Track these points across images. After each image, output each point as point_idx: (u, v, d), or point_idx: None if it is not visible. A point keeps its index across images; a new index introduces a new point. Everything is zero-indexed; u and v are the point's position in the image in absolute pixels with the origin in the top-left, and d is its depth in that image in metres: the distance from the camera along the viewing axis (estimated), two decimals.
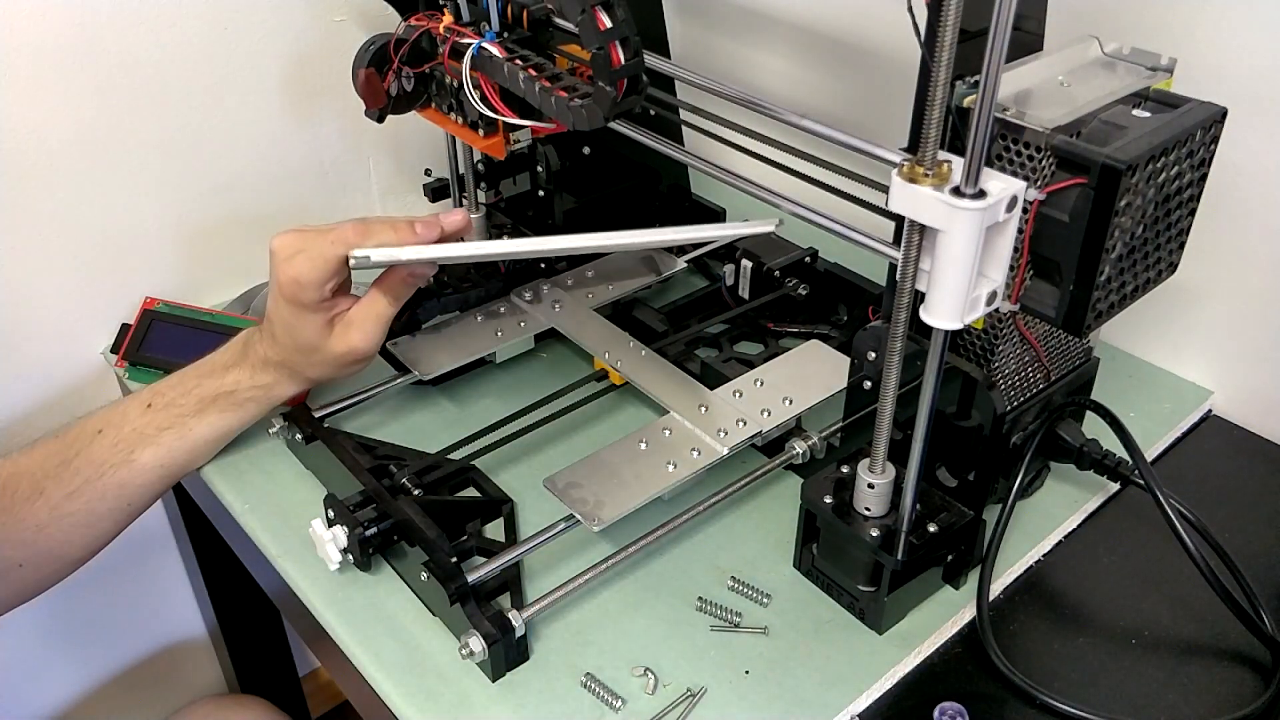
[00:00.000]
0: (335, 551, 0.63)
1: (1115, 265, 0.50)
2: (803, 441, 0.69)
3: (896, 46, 0.89)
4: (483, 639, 0.56)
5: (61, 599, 0.71)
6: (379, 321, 0.66)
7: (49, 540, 0.67)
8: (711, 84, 0.59)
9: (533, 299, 0.83)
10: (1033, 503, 0.69)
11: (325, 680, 1.34)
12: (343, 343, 0.66)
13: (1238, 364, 0.78)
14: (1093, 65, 0.55)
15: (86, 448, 0.67)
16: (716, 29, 1.07)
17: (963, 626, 0.62)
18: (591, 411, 0.77)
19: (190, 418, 0.69)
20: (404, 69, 0.71)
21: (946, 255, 0.46)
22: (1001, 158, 0.50)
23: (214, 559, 1.04)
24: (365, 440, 0.73)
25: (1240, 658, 0.60)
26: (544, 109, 0.61)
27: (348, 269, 0.64)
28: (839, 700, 0.57)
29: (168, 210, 0.90)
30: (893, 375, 0.53)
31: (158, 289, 0.90)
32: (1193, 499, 0.60)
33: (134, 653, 1.12)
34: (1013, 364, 0.62)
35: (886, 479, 0.58)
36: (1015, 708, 0.57)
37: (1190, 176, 0.52)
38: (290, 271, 0.63)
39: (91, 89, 0.82)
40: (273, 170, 0.95)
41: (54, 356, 0.89)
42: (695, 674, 0.59)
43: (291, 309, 0.65)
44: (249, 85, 0.90)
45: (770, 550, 0.67)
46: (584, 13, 0.54)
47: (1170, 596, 0.64)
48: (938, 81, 0.44)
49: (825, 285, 0.84)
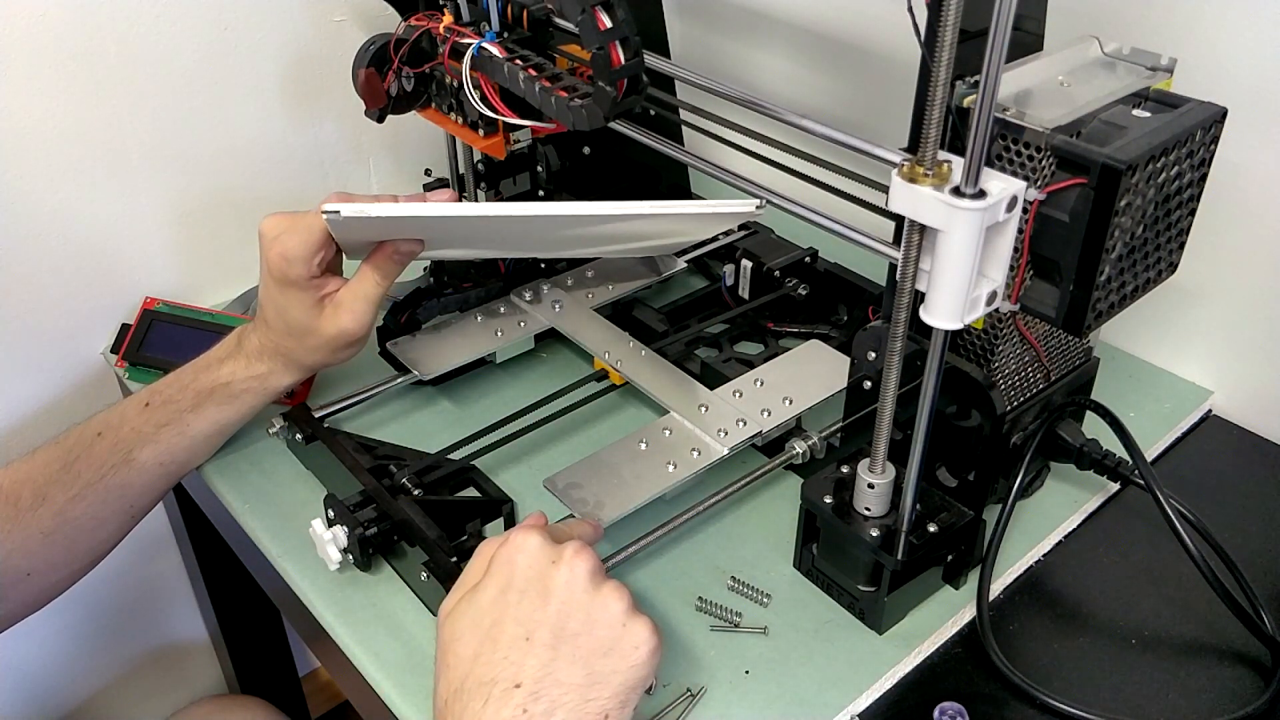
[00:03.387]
0: (335, 551, 0.63)
1: (1115, 265, 0.50)
2: (803, 441, 0.69)
3: (896, 46, 0.88)
4: None
5: (62, 600, 0.71)
6: (368, 301, 0.66)
7: (55, 547, 0.67)
8: (711, 84, 0.59)
9: (533, 299, 0.83)
10: (1033, 503, 0.69)
11: (325, 680, 1.34)
12: (332, 324, 0.66)
13: (1238, 364, 0.78)
14: (1093, 65, 0.55)
15: (87, 451, 0.67)
16: (716, 29, 1.07)
17: (963, 626, 0.62)
18: (591, 411, 0.77)
19: (188, 413, 0.69)
20: (404, 69, 0.71)
21: (946, 255, 0.46)
22: (1001, 158, 0.50)
23: (214, 559, 1.04)
24: (365, 440, 0.73)
25: (1240, 658, 0.60)
26: (544, 109, 0.61)
27: (335, 245, 0.65)
28: (839, 700, 0.57)
29: (168, 210, 0.90)
30: (893, 375, 0.53)
31: (158, 289, 0.90)
32: (1193, 499, 0.60)
33: (134, 653, 1.12)
34: (1013, 364, 0.62)
35: (886, 479, 0.58)
36: (1015, 708, 0.57)
37: (1190, 176, 0.52)
38: (277, 248, 0.63)
39: (91, 88, 0.82)
40: (273, 170, 0.95)
41: (54, 356, 0.89)
42: (695, 674, 0.59)
43: (280, 289, 0.65)
44: (249, 85, 0.90)
45: (770, 550, 0.67)
46: (584, 13, 0.54)
47: (1170, 596, 0.64)
48: (938, 81, 0.44)
49: (825, 285, 0.84)
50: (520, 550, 0.51)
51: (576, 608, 0.49)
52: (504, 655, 0.48)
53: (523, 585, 0.50)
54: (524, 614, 0.49)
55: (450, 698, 0.48)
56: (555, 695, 0.47)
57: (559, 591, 0.49)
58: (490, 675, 0.47)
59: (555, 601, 0.49)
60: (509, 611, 0.49)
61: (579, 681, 0.48)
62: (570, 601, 0.49)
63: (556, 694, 0.47)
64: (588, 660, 0.48)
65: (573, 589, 0.50)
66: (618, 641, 0.49)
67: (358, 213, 0.59)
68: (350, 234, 0.64)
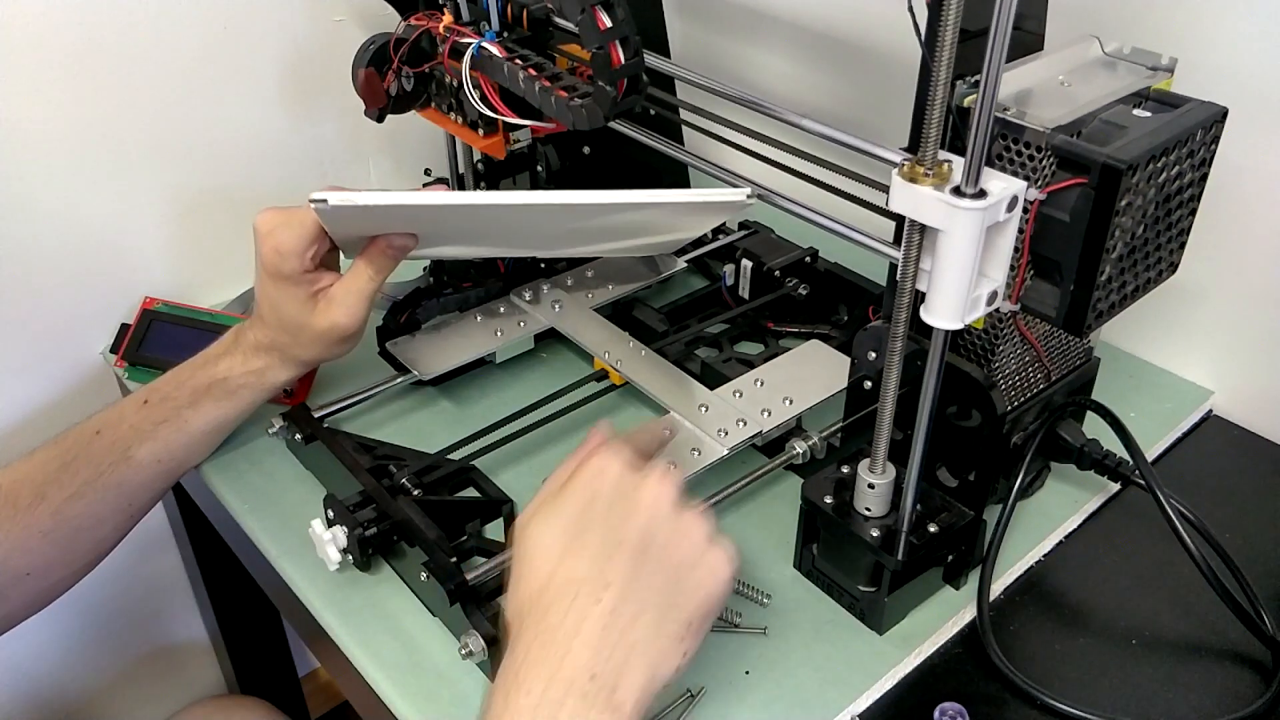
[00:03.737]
0: (335, 551, 0.63)
1: (1116, 265, 0.50)
2: (803, 441, 0.69)
3: (896, 46, 0.88)
4: (482, 639, 0.56)
5: (62, 601, 0.71)
6: (361, 296, 0.66)
7: (54, 546, 0.67)
8: (711, 84, 0.59)
9: (532, 299, 0.83)
10: (1033, 503, 0.69)
11: (325, 680, 1.34)
12: (326, 318, 0.66)
13: (1238, 364, 0.78)
14: (1093, 65, 0.55)
15: (85, 449, 0.67)
16: (717, 29, 1.07)
17: (963, 627, 0.62)
18: (591, 411, 0.77)
19: (186, 409, 0.69)
20: (404, 69, 0.71)
21: (947, 255, 0.46)
22: (1002, 158, 0.50)
23: (214, 559, 1.04)
24: (365, 440, 0.73)
25: (1240, 658, 0.60)
26: (544, 109, 0.61)
27: (329, 241, 0.65)
28: (839, 700, 0.57)
29: (167, 210, 0.90)
30: (893, 375, 0.53)
31: (157, 289, 0.90)
32: (1193, 499, 0.60)
33: (134, 653, 1.12)
34: (1013, 364, 0.62)
35: (887, 479, 0.58)
36: (1015, 708, 0.57)
37: (1191, 176, 0.52)
38: (271, 242, 0.64)
39: (91, 88, 0.82)
40: (273, 170, 0.95)
41: (54, 356, 0.89)
42: (695, 674, 0.59)
43: (275, 283, 0.65)
44: (249, 85, 0.90)
45: (770, 550, 0.66)
46: (584, 12, 0.54)
47: (1170, 596, 0.64)
48: (938, 81, 0.44)
49: (825, 285, 0.84)
50: (607, 466, 0.51)
51: (663, 523, 0.50)
52: (592, 557, 0.48)
53: (610, 498, 0.50)
54: (613, 524, 0.49)
55: (531, 599, 0.48)
56: (644, 598, 0.47)
57: (646, 508, 0.50)
58: (579, 574, 0.48)
59: (643, 516, 0.50)
60: (597, 521, 0.50)
61: (665, 590, 0.48)
62: (657, 518, 0.50)
63: (645, 597, 0.47)
64: (673, 574, 0.49)
65: (659, 506, 0.50)
66: (700, 561, 0.50)
67: (345, 201, 0.58)
68: (341, 226, 0.64)
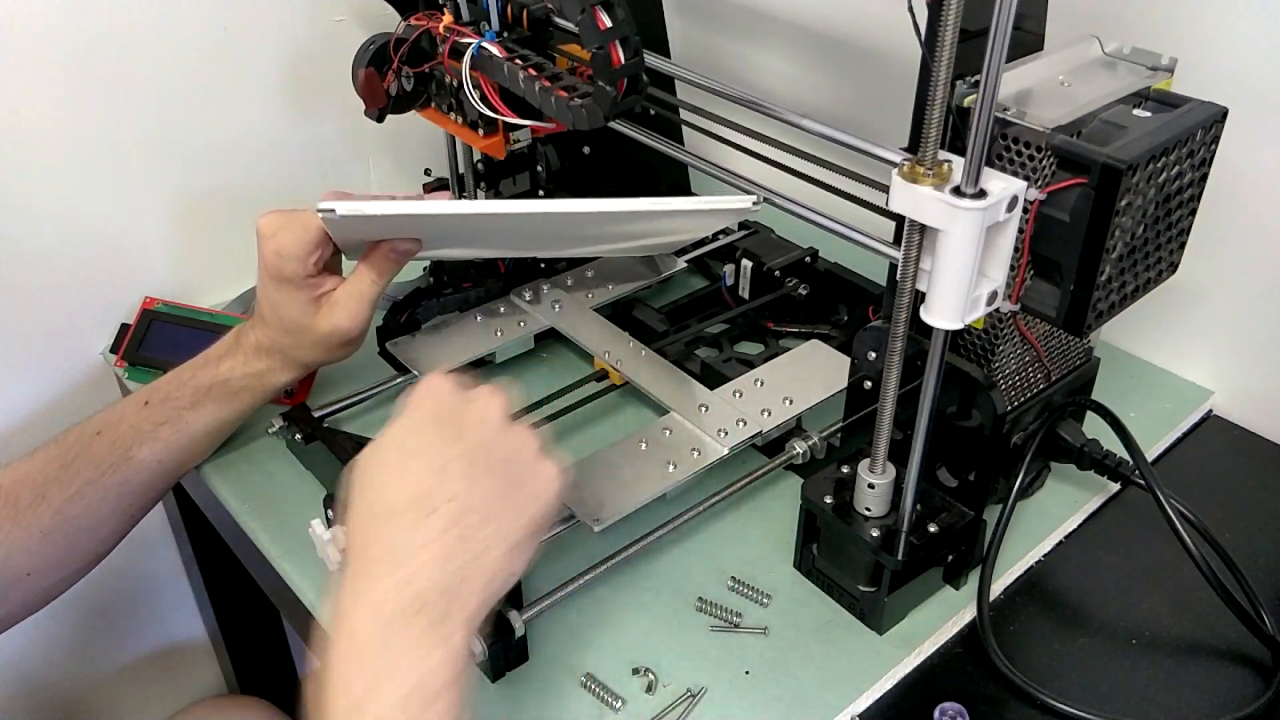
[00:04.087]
0: (335, 551, 0.63)
1: (1116, 265, 0.50)
2: (803, 441, 0.69)
3: (896, 46, 0.88)
4: (482, 640, 0.56)
5: (62, 600, 0.70)
6: (363, 300, 0.66)
7: (55, 546, 0.67)
8: (711, 84, 0.59)
9: (532, 299, 0.83)
10: (1033, 503, 0.69)
11: None
12: (327, 322, 0.66)
13: (1238, 364, 0.78)
14: (1093, 65, 0.55)
15: (85, 450, 0.67)
16: (716, 29, 1.07)
17: (963, 627, 0.62)
18: (591, 411, 0.77)
19: (186, 410, 0.69)
20: (404, 69, 0.71)
21: (947, 255, 0.46)
22: (1002, 158, 0.50)
23: (213, 559, 1.04)
24: (365, 440, 0.72)
25: (1240, 658, 0.60)
26: (544, 109, 0.61)
27: (332, 244, 0.65)
28: (839, 700, 0.57)
29: (167, 210, 0.90)
30: (893, 375, 0.53)
31: (157, 289, 0.90)
32: (1193, 499, 0.60)
33: (134, 653, 1.12)
34: (1013, 364, 0.62)
35: (887, 479, 0.58)
36: (1015, 708, 0.57)
37: (1191, 176, 0.52)
38: (273, 245, 0.64)
39: (91, 88, 0.82)
40: (273, 170, 0.95)
41: (54, 356, 0.89)
42: (695, 674, 0.59)
43: (276, 286, 0.65)
44: (249, 85, 0.90)
45: (770, 550, 0.66)
46: (584, 12, 0.54)
47: (1170, 596, 0.64)
48: (938, 81, 0.44)
49: (825, 285, 0.84)
50: (437, 388, 0.52)
51: (493, 439, 0.51)
52: (432, 475, 0.48)
53: (438, 419, 0.51)
54: (445, 442, 0.50)
55: (368, 518, 0.48)
56: (487, 510, 0.48)
57: (474, 427, 0.51)
58: (421, 490, 0.48)
59: (471, 435, 0.50)
60: (429, 440, 0.50)
61: (503, 503, 0.49)
62: (485, 434, 0.51)
63: (488, 509, 0.48)
64: (509, 488, 0.50)
65: (487, 424, 0.51)
66: (533, 474, 0.51)
67: (353, 211, 0.59)
68: (346, 232, 0.64)
